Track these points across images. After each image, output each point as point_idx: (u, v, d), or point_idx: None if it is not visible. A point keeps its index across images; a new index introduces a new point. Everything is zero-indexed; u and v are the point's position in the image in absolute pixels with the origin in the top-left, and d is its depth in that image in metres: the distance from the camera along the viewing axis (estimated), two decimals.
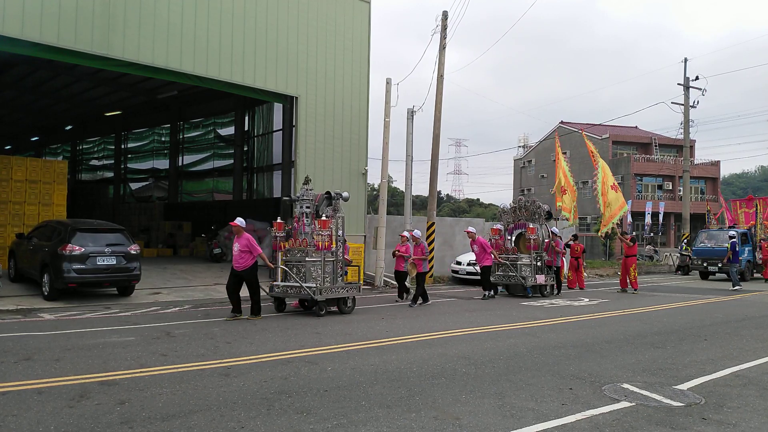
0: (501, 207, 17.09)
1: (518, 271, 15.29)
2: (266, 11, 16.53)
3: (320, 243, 11.00)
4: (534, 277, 15.15)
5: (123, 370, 6.40)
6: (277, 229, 11.32)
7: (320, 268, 11.04)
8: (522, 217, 16.03)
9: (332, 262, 11.39)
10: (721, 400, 5.73)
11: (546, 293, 15.54)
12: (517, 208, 16.30)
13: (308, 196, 11.66)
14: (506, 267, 15.46)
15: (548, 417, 5.06)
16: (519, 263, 15.36)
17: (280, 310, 11.42)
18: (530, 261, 15.28)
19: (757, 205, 24.45)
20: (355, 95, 18.80)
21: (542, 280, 15.37)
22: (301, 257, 11.11)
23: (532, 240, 15.29)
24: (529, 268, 15.26)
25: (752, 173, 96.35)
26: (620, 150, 49.59)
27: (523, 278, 15.09)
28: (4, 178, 16.49)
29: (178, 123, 30.31)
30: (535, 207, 15.85)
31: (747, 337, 9.39)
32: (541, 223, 15.80)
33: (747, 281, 22.18)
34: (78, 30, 13.06)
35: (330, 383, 6.03)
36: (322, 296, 10.84)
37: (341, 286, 11.41)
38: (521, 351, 7.90)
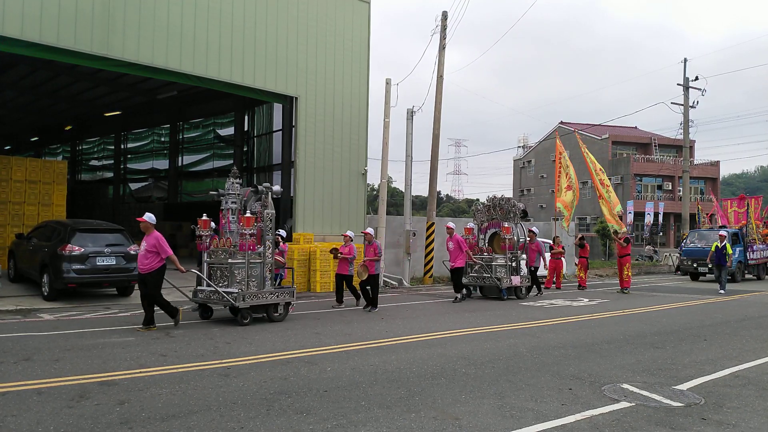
0: (474, 205, 16.37)
1: (493, 272, 14.55)
2: (266, 11, 16.53)
3: (244, 243, 9.81)
4: (509, 278, 14.53)
5: (123, 371, 6.40)
6: (202, 227, 10.15)
7: (245, 271, 9.87)
8: (496, 216, 15.33)
9: (259, 265, 10.17)
10: (720, 400, 5.73)
11: (522, 295, 14.90)
12: (491, 206, 15.55)
13: (234, 190, 10.40)
14: (480, 268, 14.72)
15: (548, 417, 5.06)
16: (494, 264, 14.63)
17: (204, 317, 10.35)
18: (505, 261, 14.68)
19: (748, 204, 23.88)
20: (355, 95, 18.80)
21: (518, 282, 14.74)
22: (224, 259, 9.98)
23: (507, 240, 14.66)
24: (504, 269, 14.61)
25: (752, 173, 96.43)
26: (620, 150, 49.63)
27: (498, 279, 14.42)
28: (4, 178, 16.50)
29: (178, 123, 30.30)
30: (510, 205, 15.18)
31: (746, 338, 9.39)
32: (516, 222, 15.18)
33: (738, 282, 21.71)
34: (77, 30, 13.06)
35: (329, 383, 6.03)
36: (245, 303, 9.66)
37: (270, 291, 10.17)
38: (521, 351, 7.90)
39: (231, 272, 9.88)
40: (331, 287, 16.01)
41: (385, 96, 18.31)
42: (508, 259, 14.72)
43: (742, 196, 25.71)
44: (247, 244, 9.83)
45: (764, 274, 24.45)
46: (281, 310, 10.37)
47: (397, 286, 17.79)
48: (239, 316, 9.72)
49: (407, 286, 18.11)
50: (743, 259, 22.69)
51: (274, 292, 10.25)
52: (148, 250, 9.14)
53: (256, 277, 10.08)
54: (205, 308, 10.41)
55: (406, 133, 19.91)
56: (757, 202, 24.65)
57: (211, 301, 9.98)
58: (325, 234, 17.74)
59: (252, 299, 9.80)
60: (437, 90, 19.37)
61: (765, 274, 24.60)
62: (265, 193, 10.56)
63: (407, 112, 19.79)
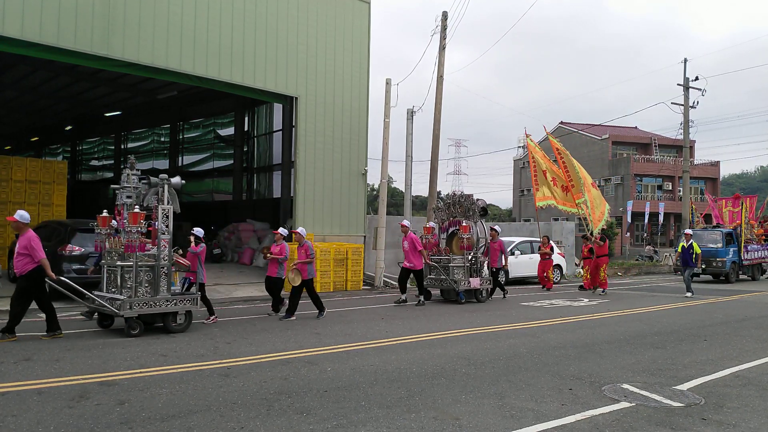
0: (435, 203, 15.43)
1: (450, 273, 13.70)
2: (266, 11, 16.54)
3: (131, 242, 8.69)
4: (467, 280, 13.63)
5: (123, 371, 6.40)
6: (101, 225, 9.18)
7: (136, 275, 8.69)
8: (456, 214, 14.29)
9: (152, 267, 8.89)
10: (720, 400, 5.73)
11: (482, 298, 13.98)
12: (451, 203, 14.50)
13: (130, 182, 9.26)
14: (438, 269, 13.81)
15: (548, 417, 5.06)
16: (451, 265, 13.74)
17: (104, 325, 9.19)
18: (463, 262, 13.77)
19: (743, 204, 23.45)
20: (355, 95, 18.80)
21: (477, 284, 13.79)
22: (114, 261, 8.98)
23: (465, 239, 13.71)
24: (461, 271, 13.72)
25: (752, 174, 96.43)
26: (620, 150, 49.63)
27: (455, 282, 13.55)
28: (4, 178, 16.50)
29: (178, 123, 30.32)
30: (470, 203, 14.19)
31: (747, 338, 9.39)
32: (476, 220, 14.18)
33: (732, 283, 21.47)
34: (78, 30, 13.07)
35: (330, 383, 6.03)
36: (131, 311, 8.49)
37: (166, 298, 8.90)
38: (521, 351, 7.90)
39: (122, 276, 8.79)
40: (331, 287, 16.04)
41: (385, 96, 18.31)
42: (467, 259, 13.84)
43: (737, 195, 25.35)
44: (134, 243, 8.66)
45: (759, 274, 24.14)
46: (181, 320, 9.08)
47: (397, 286, 17.77)
48: (126, 327, 8.56)
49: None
50: (738, 260, 22.31)
51: (171, 300, 8.96)
52: (19, 252, 8.26)
53: (149, 282, 8.83)
54: (104, 316, 9.16)
55: (406, 133, 19.93)
56: (751, 201, 24.31)
57: (104, 309, 8.76)
58: (325, 234, 17.75)
59: (141, 307, 8.60)
60: (437, 90, 19.38)
61: (760, 274, 24.31)
62: (160, 185, 9.17)
63: (407, 112, 19.82)
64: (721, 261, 21.55)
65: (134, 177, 9.33)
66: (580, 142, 51.76)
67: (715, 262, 21.65)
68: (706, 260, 21.91)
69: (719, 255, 21.58)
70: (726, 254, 21.60)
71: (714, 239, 22.06)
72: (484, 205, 14.42)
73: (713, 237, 22.22)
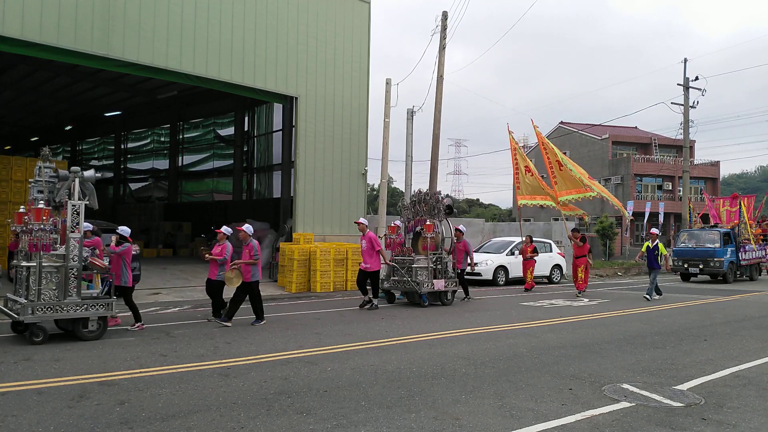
0: (401, 201, 14.68)
1: (413, 275, 12.92)
2: (266, 11, 16.54)
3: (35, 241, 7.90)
4: (431, 282, 12.94)
5: (123, 371, 6.40)
6: (15, 222, 8.61)
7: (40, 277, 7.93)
8: (421, 213, 13.58)
9: (60, 269, 8.07)
10: (720, 400, 5.73)
11: (447, 301, 13.30)
12: (416, 201, 13.76)
13: (43, 176, 8.49)
14: (400, 271, 13.07)
15: (548, 417, 5.06)
16: (414, 266, 12.94)
17: (17, 331, 8.45)
18: (427, 263, 13.07)
19: (741, 203, 23.21)
20: (355, 95, 18.81)
21: (441, 286, 13.07)
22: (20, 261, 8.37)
23: (429, 239, 13.04)
24: (425, 272, 12.99)
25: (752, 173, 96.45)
26: (620, 150, 49.63)
27: (417, 284, 12.78)
28: (4, 178, 16.51)
29: (178, 123, 30.33)
30: (435, 201, 13.52)
31: (747, 338, 9.39)
32: (441, 219, 13.53)
33: (730, 283, 21.25)
34: (78, 30, 13.07)
35: (330, 383, 6.03)
36: (34, 317, 7.75)
37: (75, 302, 8.07)
38: (521, 351, 7.90)
39: (26, 278, 8.11)
40: (331, 287, 16.03)
41: (385, 96, 18.31)
42: (430, 260, 13.15)
43: (734, 195, 25.12)
44: (37, 242, 7.90)
45: (757, 274, 23.96)
46: (94, 326, 8.24)
47: None
48: (28, 334, 7.83)
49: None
50: (735, 260, 22.08)
51: (82, 305, 8.12)
52: None
53: (56, 285, 8.05)
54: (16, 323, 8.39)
55: (406, 134, 19.92)
56: (749, 201, 24.07)
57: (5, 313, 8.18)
58: (325, 234, 17.75)
59: (45, 312, 7.84)
60: (437, 90, 19.37)
61: (758, 274, 24.13)
62: (71, 179, 8.37)
63: (407, 112, 19.81)
64: (718, 261, 21.33)
65: (47, 170, 8.50)
66: (580, 142, 51.77)
67: (712, 262, 21.45)
68: (703, 260, 21.75)
69: (717, 255, 21.38)
70: (724, 254, 21.39)
71: (711, 239, 21.90)
72: (449, 203, 13.87)
73: (711, 237, 22.05)
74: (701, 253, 21.81)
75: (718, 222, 24.06)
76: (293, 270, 15.62)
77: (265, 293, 14.84)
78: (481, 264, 19.15)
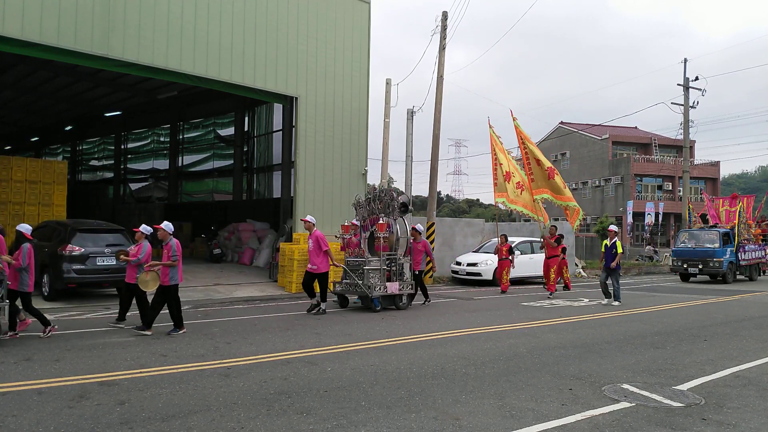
0: (356, 198, 13.89)
1: (365, 278, 12.02)
2: (266, 11, 16.54)
3: None
4: (383, 285, 12.05)
5: (123, 371, 6.40)
6: None
7: None
8: (376, 211, 12.83)
9: None
10: (721, 400, 5.73)
11: (402, 305, 12.40)
12: (371, 198, 12.98)
13: None
14: (350, 273, 12.29)
15: (548, 417, 5.06)
16: (366, 268, 12.07)
17: None
18: (379, 265, 12.17)
19: (740, 203, 23.06)
20: (355, 95, 18.80)
21: (395, 289, 12.20)
22: None
23: (382, 239, 12.18)
24: (377, 274, 12.10)
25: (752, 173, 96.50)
26: (620, 150, 49.67)
27: (368, 287, 11.87)
28: (4, 178, 16.53)
29: (178, 123, 30.32)
30: (390, 198, 12.68)
31: (747, 338, 9.39)
32: (395, 217, 12.72)
33: (729, 283, 21.16)
34: (78, 30, 13.07)
35: (330, 384, 6.03)
36: None
37: None
38: (521, 351, 7.90)
39: None
40: (331, 287, 15.97)
41: (385, 96, 18.32)
42: (383, 261, 12.25)
43: (734, 195, 25.04)
44: None
45: (757, 275, 23.86)
46: None
47: None
48: None
49: None
50: (735, 260, 22.00)
51: None
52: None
53: None
54: None
55: (406, 134, 19.92)
56: (749, 201, 23.99)
57: None
58: (325, 234, 17.72)
59: None
60: (437, 90, 19.37)
61: (758, 275, 24.04)
62: None
63: (407, 113, 19.81)
64: (717, 261, 21.26)
65: None
66: (580, 142, 51.78)
67: (712, 263, 21.37)
68: (703, 260, 21.64)
69: (716, 255, 21.31)
70: (723, 254, 21.32)
71: (711, 239, 21.84)
72: (405, 200, 12.98)
73: (710, 237, 21.99)
74: (701, 253, 21.73)
75: (717, 222, 23.98)
76: (293, 270, 15.60)
77: (265, 293, 14.88)
78: (480, 264, 19.15)
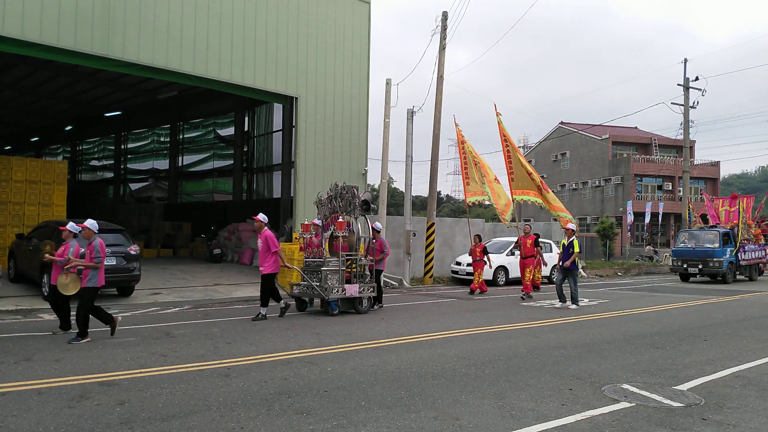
0: (318, 196, 13.08)
1: (322, 279, 11.27)
2: (266, 12, 16.55)
3: None
4: (341, 287, 11.32)
5: (123, 371, 6.40)
6: None
7: None
8: (337, 209, 12.14)
9: None
10: (721, 400, 5.73)
11: (362, 309, 11.64)
12: (333, 196, 12.27)
13: None
14: (304, 275, 11.59)
15: (548, 417, 5.06)
16: (323, 269, 11.28)
17: None
18: (338, 266, 11.43)
19: (740, 204, 23.05)
20: (355, 96, 18.81)
21: (354, 292, 11.47)
22: None
23: (341, 238, 11.47)
24: (335, 276, 11.36)
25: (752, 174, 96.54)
26: (620, 150, 49.66)
27: (324, 289, 11.13)
28: (4, 178, 16.51)
29: (178, 123, 30.34)
30: (351, 195, 12.00)
31: (747, 338, 9.39)
32: (356, 216, 12.07)
33: (729, 283, 21.15)
34: (78, 31, 13.08)
35: (330, 384, 6.03)
36: None
37: None
38: (521, 351, 7.90)
39: None
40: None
41: (385, 96, 18.32)
42: (343, 262, 11.54)
43: (734, 195, 24.98)
44: None
45: (757, 275, 23.85)
46: None
47: (397, 286, 17.81)
48: None
49: (407, 286, 18.12)
50: (735, 260, 21.96)
51: None
52: None
53: None
54: None
55: (406, 134, 19.90)
56: (749, 201, 23.91)
57: None
58: None
59: None
60: (437, 90, 19.37)
61: (758, 275, 24.02)
62: None
63: (407, 113, 19.78)
64: (717, 261, 21.24)
65: None
66: (580, 142, 51.78)
67: (711, 263, 21.35)
68: (702, 260, 21.56)
69: (716, 255, 21.29)
70: (723, 254, 21.30)
71: (711, 239, 21.81)
72: (368, 198, 12.26)
73: (710, 237, 21.96)
74: (700, 253, 21.69)
75: (717, 222, 23.95)
76: (293, 270, 15.55)
77: None
78: None
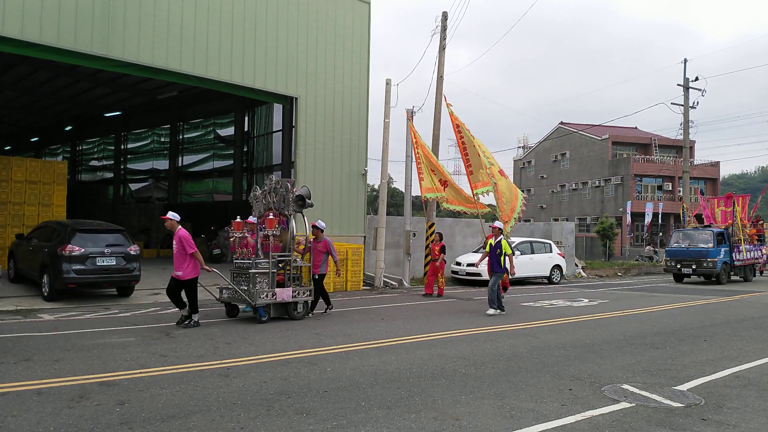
0: (252, 191, 11.88)
1: (250, 283, 10.21)
2: (266, 12, 16.54)
3: None
4: (271, 292, 10.25)
5: (123, 371, 6.40)
6: None
7: None
8: (272, 205, 11.18)
9: None
10: (720, 400, 5.73)
11: (296, 314, 10.62)
12: (268, 191, 11.29)
13: None
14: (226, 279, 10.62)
15: (548, 418, 5.06)
16: (252, 272, 10.22)
17: None
18: (267, 268, 10.39)
19: (734, 203, 22.90)
20: (355, 96, 18.80)
21: (287, 296, 10.44)
22: None
23: (271, 237, 10.32)
24: (265, 279, 10.32)
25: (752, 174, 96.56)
26: (620, 150, 49.67)
27: (251, 294, 10.06)
28: (4, 178, 16.52)
29: (178, 123, 30.33)
30: (285, 190, 10.98)
31: (746, 338, 9.39)
32: (290, 212, 10.97)
33: (723, 284, 21.00)
34: (78, 31, 13.07)
35: (330, 384, 6.03)
36: None
37: None
38: (521, 352, 7.90)
39: None
40: (331, 287, 15.97)
41: (385, 96, 18.32)
42: (274, 264, 10.52)
43: (729, 194, 24.81)
44: None
45: (752, 275, 23.66)
46: None
47: (397, 286, 17.80)
48: None
49: (407, 286, 18.11)
50: (729, 260, 21.75)
51: None
52: None
53: None
54: None
55: (406, 134, 19.89)
56: (744, 201, 23.80)
57: None
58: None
59: None
60: (437, 91, 19.37)
61: (752, 275, 23.84)
62: None
63: (407, 113, 19.78)
64: (711, 261, 20.98)
65: None
66: (580, 142, 51.79)
67: (705, 263, 21.10)
68: (696, 261, 21.29)
69: (710, 255, 21.04)
70: (717, 254, 21.06)
71: (705, 239, 21.60)
72: (303, 193, 11.13)
73: (704, 237, 21.75)
74: (694, 253, 21.47)
75: (712, 222, 23.79)
76: None
77: None
78: (480, 264, 19.11)
